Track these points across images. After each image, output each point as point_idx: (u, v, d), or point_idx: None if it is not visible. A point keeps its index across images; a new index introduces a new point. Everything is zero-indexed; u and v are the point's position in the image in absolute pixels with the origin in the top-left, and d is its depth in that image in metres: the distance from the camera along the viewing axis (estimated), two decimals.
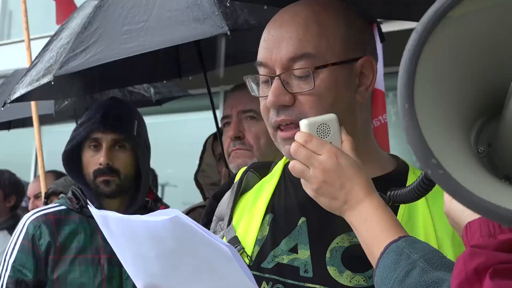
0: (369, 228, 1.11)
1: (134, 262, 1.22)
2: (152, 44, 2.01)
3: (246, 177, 1.46)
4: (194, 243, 1.10)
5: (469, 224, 0.88)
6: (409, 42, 0.68)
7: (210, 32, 1.93)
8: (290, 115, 1.27)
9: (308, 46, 1.26)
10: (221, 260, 1.09)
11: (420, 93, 0.67)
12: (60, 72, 2.16)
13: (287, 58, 1.26)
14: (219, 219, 1.47)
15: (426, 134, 0.65)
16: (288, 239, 1.31)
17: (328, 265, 1.26)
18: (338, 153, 1.16)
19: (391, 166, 1.36)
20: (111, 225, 1.21)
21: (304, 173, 1.17)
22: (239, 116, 2.17)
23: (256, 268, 1.30)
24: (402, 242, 1.06)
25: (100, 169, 2.30)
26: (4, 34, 11.40)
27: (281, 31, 1.29)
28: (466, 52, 0.71)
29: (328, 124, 1.20)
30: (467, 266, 0.83)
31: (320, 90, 1.25)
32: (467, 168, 0.69)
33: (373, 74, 1.32)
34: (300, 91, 1.26)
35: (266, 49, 1.30)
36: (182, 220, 1.07)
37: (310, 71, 1.25)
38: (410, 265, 1.02)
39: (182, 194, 8.24)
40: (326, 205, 1.17)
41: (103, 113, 2.32)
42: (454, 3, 0.66)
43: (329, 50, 1.27)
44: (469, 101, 0.75)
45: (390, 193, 1.16)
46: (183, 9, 2.03)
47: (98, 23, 2.25)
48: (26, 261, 2.25)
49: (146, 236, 1.14)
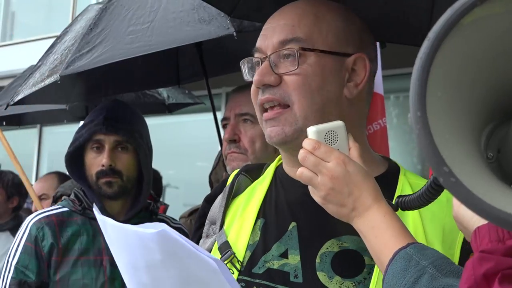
0: (378, 234, 1.12)
1: (127, 270, 1.23)
2: (157, 44, 2.01)
3: (237, 180, 1.46)
4: (181, 257, 1.11)
5: (477, 229, 0.88)
6: (421, 50, 0.68)
7: (216, 33, 1.94)
8: (274, 94, 1.29)
9: (300, 32, 1.30)
10: (208, 274, 1.09)
11: (432, 100, 0.67)
12: (67, 72, 2.17)
13: (278, 41, 1.30)
14: (212, 222, 1.47)
15: (437, 141, 0.65)
16: (279, 244, 1.31)
17: (318, 270, 1.26)
18: (346, 160, 1.16)
19: (383, 168, 1.37)
20: (108, 231, 1.22)
21: (312, 180, 1.17)
22: (236, 119, 2.18)
23: (247, 274, 1.30)
24: (411, 248, 1.06)
25: (102, 171, 2.31)
26: (6, 35, 11.40)
27: (279, 19, 1.33)
28: (477, 59, 0.72)
29: (336, 131, 1.20)
30: (476, 271, 0.83)
31: (306, 72, 1.28)
32: (478, 175, 0.69)
33: (365, 73, 1.34)
34: (286, 72, 1.29)
35: (263, 35, 1.35)
36: (169, 234, 1.08)
37: (296, 51, 1.28)
38: (419, 271, 1.02)
39: (184, 195, 8.25)
40: (334, 212, 1.18)
41: (105, 115, 2.33)
42: (466, 11, 0.66)
43: (320, 39, 1.30)
44: (479, 107, 0.75)
45: (397, 199, 1.16)
46: (188, 11, 2.03)
47: (103, 24, 2.26)
48: (29, 263, 2.25)
49: (137, 245, 1.15)
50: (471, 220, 0.93)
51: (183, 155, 9.28)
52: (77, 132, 2.39)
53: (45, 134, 11.07)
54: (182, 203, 5.11)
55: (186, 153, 9.25)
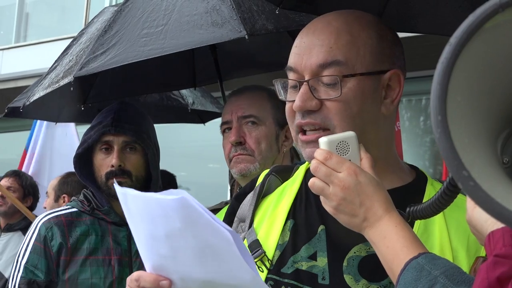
0: (389, 245, 1.12)
1: (146, 242, 1.23)
2: (170, 47, 2.02)
3: (268, 180, 1.47)
4: (198, 225, 1.11)
5: (492, 233, 0.88)
6: (442, 55, 0.68)
7: (228, 36, 1.95)
8: (315, 118, 1.28)
9: (339, 54, 1.28)
10: (222, 244, 1.10)
11: (452, 105, 0.67)
12: (81, 73, 2.18)
13: (317, 65, 1.29)
14: (241, 220, 1.48)
15: (457, 145, 0.65)
16: (308, 246, 1.32)
17: (344, 273, 1.27)
18: (358, 171, 1.17)
19: (410, 177, 1.37)
20: (129, 203, 1.22)
21: (324, 191, 1.18)
22: (239, 121, 2.17)
23: (275, 273, 1.31)
24: (422, 258, 1.06)
25: (112, 171, 2.32)
26: (20, 36, 11.50)
27: (313, 38, 1.31)
28: (497, 65, 0.72)
29: (347, 141, 1.21)
30: (489, 275, 0.83)
31: (347, 98, 1.27)
32: (496, 180, 0.69)
33: (400, 88, 1.34)
34: (327, 97, 1.28)
35: (297, 54, 1.32)
36: (188, 201, 1.08)
37: (338, 78, 1.27)
38: (431, 281, 1.01)
39: (195, 196, 8.23)
40: (346, 222, 1.18)
41: (113, 116, 2.35)
42: (488, 17, 0.66)
43: (358, 60, 1.29)
44: (497, 112, 0.76)
45: (409, 209, 1.16)
46: (202, 14, 2.04)
47: (118, 26, 2.27)
48: (38, 262, 2.27)
49: (158, 214, 1.15)
50: (485, 224, 0.93)
51: (195, 157, 9.31)
52: (85, 133, 2.40)
53: None
54: None
55: (198, 155, 9.28)
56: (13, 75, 9.76)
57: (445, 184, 1.05)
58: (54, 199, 4.37)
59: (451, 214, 1.26)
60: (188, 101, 3.87)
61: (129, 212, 1.23)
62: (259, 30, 1.93)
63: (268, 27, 1.95)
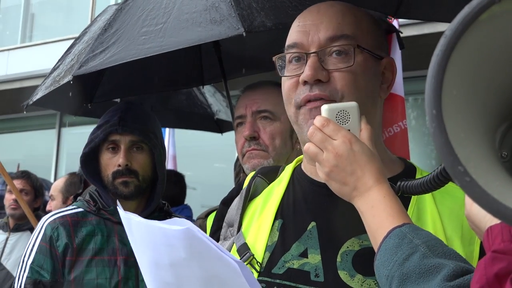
0: (375, 214, 1.12)
1: (150, 268, 1.22)
2: (169, 44, 2.02)
3: (254, 183, 1.46)
4: (204, 256, 1.11)
5: (490, 229, 0.87)
6: (437, 48, 0.67)
7: (226, 33, 1.94)
8: (324, 90, 1.28)
9: (347, 29, 1.30)
10: (230, 275, 1.09)
11: (448, 99, 0.66)
12: (79, 72, 2.18)
13: (326, 38, 1.30)
14: (229, 225, 1.47)
15: (453, 140, 0.65)
16: (298, 244, 1.31)
17: (339, 269, 1.26)
18: (353, 140, 1.17)
19: (399, 168, 1.37)
20: (133, 228, 1.22)
21: (318, 156, 1.19)
22: (254, 116, 2.15)
23: (267, 274, 1.30)
24: (406, 227, 1.07)
25: (119, 171, 2.32)
26: (26, 37, 11.55)
27: (318, 16, 1.32)
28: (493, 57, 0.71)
29: (348, 111, 1.21)
30: (488, 271, 0.82)
31: (356, 69, 1.28)
32: (492, 175, 0.68)
33: (393, 76, 1.36)
34: (336, 68, 1.28)
35: (301, 32, 1.33)
36: (194, 232, 1.08)
37: (353, 47, 1.28)
38: (412, 249, 1.02)
39: (201, 196, 8.27)
40: (336, 189, 1.19)
41: (120, 115, 2.35)
42: (484, 8, 0.65)
43: (363, 39, 1.31)
44: (494, 106, 0.74)
45: (400, 183, 1.17)
46: (201, 11, 2.03)
47: (118, 25, 2.27)
48: (43, 262, 2.27)
49: (162, 243, 1.14)
50: (483, 219, 0.92)
51: (201, 157, 9.31)
52: (92, 133, 2.40)
53: (64, 135, 11.18)
54: (199, 204, 5.13)
55: (204, 155, 9.29)
56: (19, 75, 9.81)
57: (440, 168, 1.05)
58: (62, 201, 4.35)
59: (443, 202, 1.26)
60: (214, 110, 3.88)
61: (133, 237, 1.22)
62: (258, 27, 1.92)
63: (267, 24, 1.94)
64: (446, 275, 0.95)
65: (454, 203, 1.25)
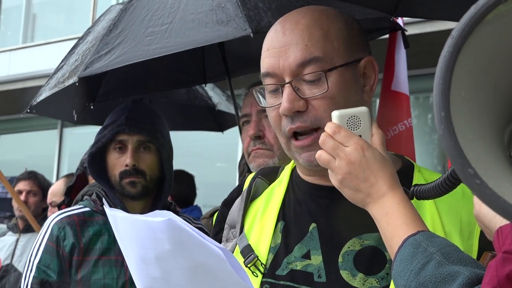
0: (390, 221, 1.12)
1: (137, 265, 1.23)
2: (175, 45, 2.01)
3: (254, 184, 1.47)
4: (188, 246, 1.11)
5: (500, 229, 0.88)
6: (444, 49, 0.67)
7: (233, 34, 1.93)
8: (305, 121, 1.28)
9: (315, 50, 1.27)
10: (216, 262, 1.10)
11: (456, 100, 0.66)
12: (85, 73, 2.18)
13: (296, 64, 1.27)
14: (231, 226, 1.47)
15: (462, 142, 0.64)
16: (301, 246, 1.32)
17: (341, 269, 1.27)
18: (365, 146, 1.17)
19: (397, 165, 1.36)
20: (118, 225, 1.22)
21: (330, 164, 1.18)
22: (259, 115, 2.15)
23: (270, 276, 1.31)
24: (420, 236, 1.06)
25: (126, 171, 2.31)
26: (27, 37, 11.54)
27: (285, 39, 1.30)
28: (501, 57, 0.70)
29: (359, 116, 1.21)
30: (499, 272, 0.82)
31: (332, 92, 1.27)
32: (502, 176, 0.68)
33: (375, 74, 1.35)
34: (312, 96, 1.27)
35: (271, 58, 1.31)
36: (175, 222, 1.08)
37: (323, 73, 1.26)
38: (426, 258, 1.02)
39: (203, 196, 8.25)
40: (350, 196, 1.18)
41: (127, 115, 2.34)
42: (490, 8, 0.65)
43: (335, 53, 1.28)
44: (502, 106, 0.74)
45: (413, 188, 1.16)
46: (207, 12, 2.03)
47: (123, 25, 2.26)
48: (50, 262, 2.26)
49: (147, 236, 1.15)
50: (493, 220, 0.92)
51: (203, 157, 9.30)
52: (99, 133, 2.39)
53: (66, 135, 11.18)
54: (201, 203, 5.14)
55: (206, 155, 9.27)
56: (21, 75, 9.81)
57: (450, 170, 1.05)
58: None
59: (441, 198, 1.24)
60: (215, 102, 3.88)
61: (119, 234, 1.23)
62: (265, 27, 1.91)
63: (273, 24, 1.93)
64: (461, 283, 0.95)
65: (453, 200, 1.25)
